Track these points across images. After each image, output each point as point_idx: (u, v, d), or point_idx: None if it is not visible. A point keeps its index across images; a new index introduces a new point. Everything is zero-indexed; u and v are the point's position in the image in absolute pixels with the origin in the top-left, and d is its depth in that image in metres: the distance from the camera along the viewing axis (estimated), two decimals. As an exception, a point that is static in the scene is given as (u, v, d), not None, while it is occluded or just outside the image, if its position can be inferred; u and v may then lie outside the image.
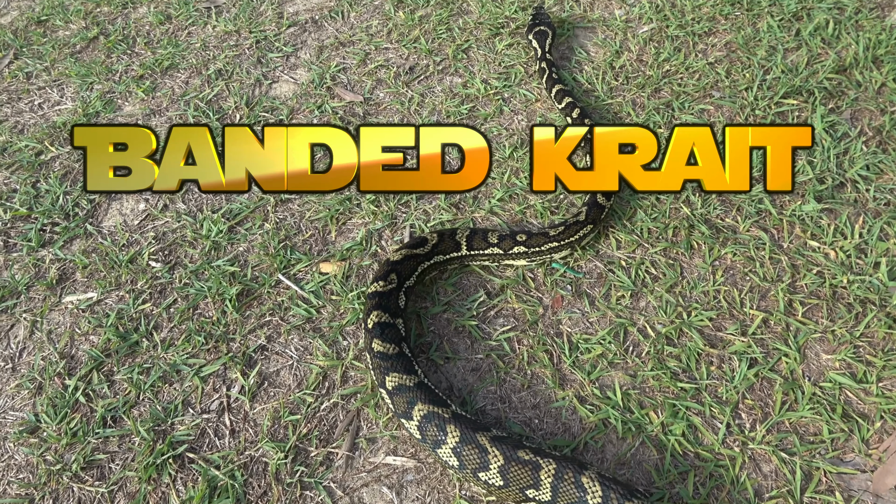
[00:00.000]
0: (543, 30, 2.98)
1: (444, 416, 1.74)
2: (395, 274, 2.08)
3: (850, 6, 3.05)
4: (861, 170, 2.41)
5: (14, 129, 2.98)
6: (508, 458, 1.65)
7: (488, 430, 1.73)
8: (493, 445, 1.67)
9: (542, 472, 1.62)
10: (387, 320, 1.97)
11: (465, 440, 1.69)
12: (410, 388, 1.81)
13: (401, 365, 1.87)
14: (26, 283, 2.36)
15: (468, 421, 1.75)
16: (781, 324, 2.03)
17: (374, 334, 1.94)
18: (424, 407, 1.76)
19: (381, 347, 1.91)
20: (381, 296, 2.03)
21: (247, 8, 3.53)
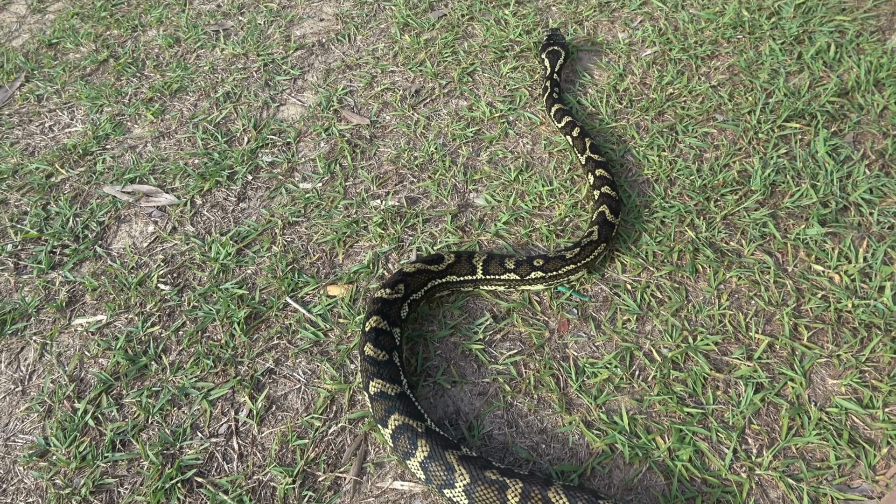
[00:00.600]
0: (557, 50, 3.02)
1: (417, 429, 1.79)
2: (403, 284, 2.12)
3: (851, 30, 3.09)
4: (864, 193, 2.42)
5: (25, 151, 3.02)
6: (475, 478, 1.68)
7: (458, 449, 1.76)
8: (461, 464, 1.71)
9: (508, 492, 1.66)
10: (384, 327, 2.02)
11: (434, 456, 1.73)
12: (391, 398, 1.86)
13: (387, 373, 1.92)
14: (36, 306, 2.38)
15: (440, 437, 1.78)
16: (787, 348, 2.04)
17: (369, 338, 1.99)
18: (401, 418, 1.81)
19: (371, 352, 1.95)
20: (384, 302, 2.07)
21: (254, 31, 3.58)
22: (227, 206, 2.67)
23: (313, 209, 2.61)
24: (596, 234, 2.24)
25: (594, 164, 2.51)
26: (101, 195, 2.77)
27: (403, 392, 1.88)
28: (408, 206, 2.58)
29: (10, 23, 3.93)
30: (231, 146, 2.92)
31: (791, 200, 2.43)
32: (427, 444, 1.75)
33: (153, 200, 2.72)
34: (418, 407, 1.87)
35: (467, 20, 3.46)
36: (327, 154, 2.83)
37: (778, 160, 2.57)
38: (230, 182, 2.76)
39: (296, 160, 2.83)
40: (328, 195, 2.66)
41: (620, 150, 2.69)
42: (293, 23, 3.64)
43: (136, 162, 2.90)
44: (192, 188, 2.73)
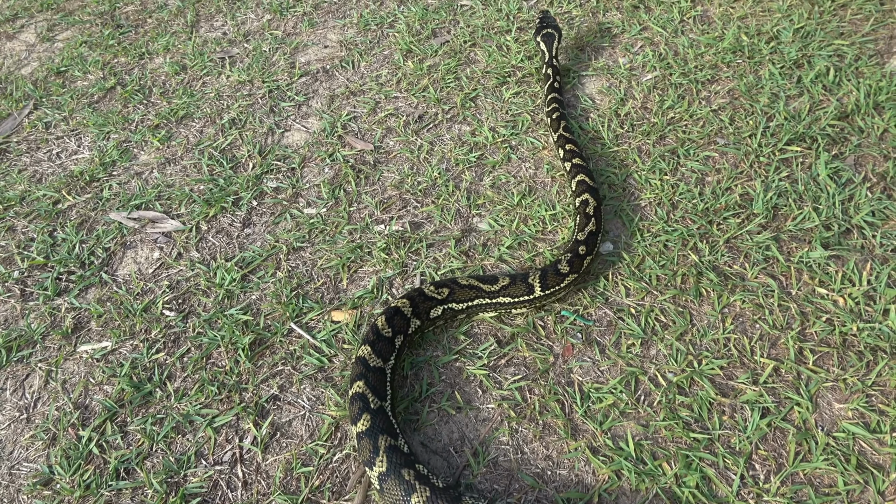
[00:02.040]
0: (551, 32, 3.14)
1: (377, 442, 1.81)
2: (447, 289, 2.18)
3: (849, 54, 3.12)
4: (867, 216, 2.43)
5: (33, 178, 3.05)
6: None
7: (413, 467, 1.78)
8: (417, 480, 1.74)
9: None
10: (387, 334, 2.06)
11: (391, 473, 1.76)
12: (362, 399, 1.91)
13: (374, 378, 1.96)
14: (42, 332, 2.39)
15: (400, 454, 1.80)
16: (792, 372, 2.04)
17: (369, 339, 2.04)
18: (368, 420, 1.86)
19: (365, 353, 2.01)
20: (395, 312, 2.13)
21: (259, 58, 3.63)
22: (233, 231, 2.69)
23: (318, 234, 2.63)
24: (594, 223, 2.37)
25: (565, 140, 2.74)
26: (107, 221, 2.79)
27: (382, 408, 1.93)
28: (411, 231, 2.59)
29: (19, 51, 4.00)
30: (236, 172, 2.95)
31: (793, 223, 2.43)
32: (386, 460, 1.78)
33: (159, 226, 2.74)
34: (392, 420, 1.91)
35: (469, 46, 3.51)
36: (331, 179, 2.86)
37: (780, 183, 2.58)
38: (235, 208, 2.78)
39: (300, 186, 2.85)
40: (332, 220, 2.67)
41: (622, 174, 2.70)
42: (298, 49, 3.69)
43: (142, 188, 2.92)
44: (198, 214, 2.75)
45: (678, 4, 3.60)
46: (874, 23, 3.28)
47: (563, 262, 2.23)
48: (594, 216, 2.38)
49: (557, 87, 3.01)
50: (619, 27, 3.52)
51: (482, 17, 3.71)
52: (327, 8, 4.02)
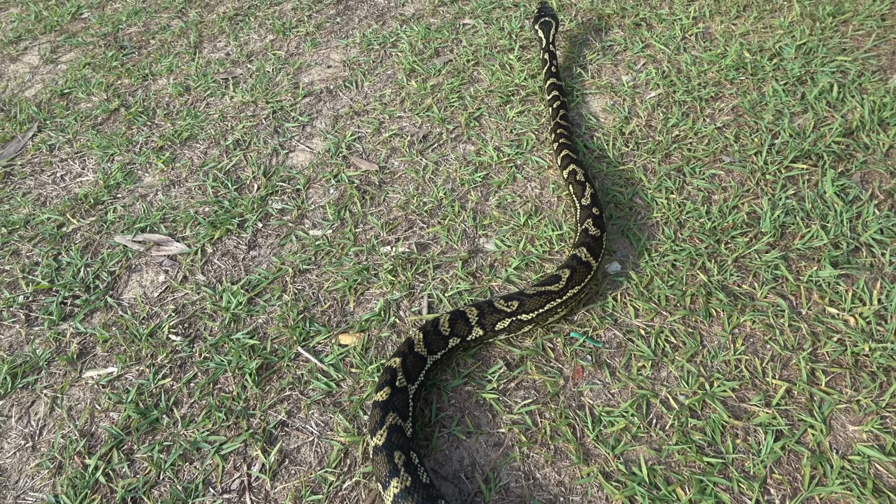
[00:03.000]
0: (548, 20, 3.33)
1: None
2: (518, 302, 2.17)
3: (852, 70, 3.13)
4: (875, 234, 2.42)
5: (37, 201, 3.05)
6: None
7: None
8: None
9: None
10: (421, 351, 2.09)
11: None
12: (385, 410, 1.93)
13: (400, 402, 1.96)
14: (47, 358, 2.37)
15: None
16: (805, 394, 2.02)
17: (402, 350, 2.08)
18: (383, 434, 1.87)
19: (394, 364, 2.05)
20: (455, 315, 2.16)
21: (263, 78, 3.64)
22: (238, 254, 2.68)
23: (324, 256, 2.62)
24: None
25: (559, 126, 2.91)
26: (112, 245, 2.78)
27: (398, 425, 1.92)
28: (418, 252, 2.58)
29: (23, 73, 4.01)
30: (241, 194, 2.95)
31: (802, 242, 2.43)
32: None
33: (164, 249, 2.73)
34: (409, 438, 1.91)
35: (472, 65, 3.52)
36: (337, 200, 2.85)
37: (787, 201, 2.58)
38: (240, 230, 2.77)
39: (306, 207, 2.84)
40: (338, 242, 2.66)
41: (629, 192, 2.70)
42: (301, 70, 3.70)
43: (146, 211, 2.92)
44: (203, 236, 2.75)
45: (680, 21, 3.62)
46: (876, 38, 3.29)
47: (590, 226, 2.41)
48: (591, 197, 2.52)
49: (555, 72, 3.18)
50: (622, 45, 3.53)
51: (485, 36, 3.73)
52: (330, 28, 4.04)
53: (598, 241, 2.34)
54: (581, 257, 2.29)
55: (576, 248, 2.34)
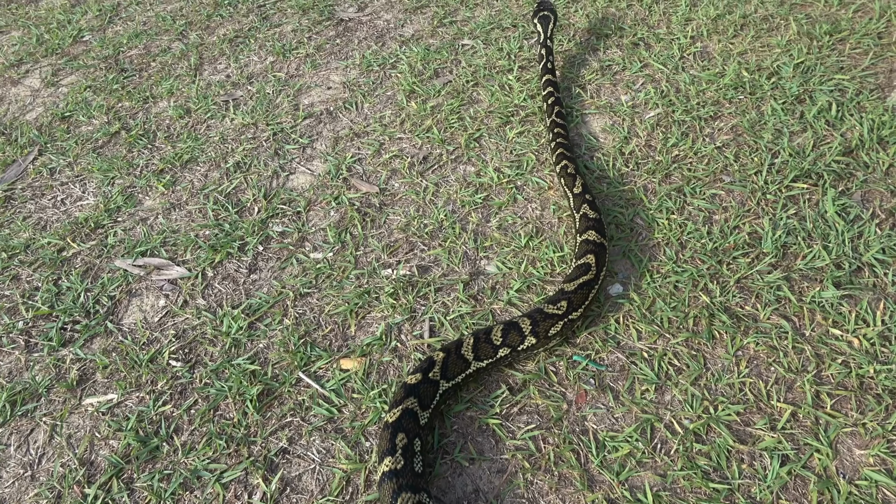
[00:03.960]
0: (547, 14, 3.43)
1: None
2: (566, 302, 2.21)
3: (850, 88, 3.14)
4: (877, 253, 2.41)
5: (37, 225, 3.05)
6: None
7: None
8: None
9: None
10: (467, 355, 2.11)
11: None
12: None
13: (425, 392, 2.02)
14: (47, 385, 2.36)
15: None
16: (811, 417, 2.00)
17: (449, 348, 2.13)
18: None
19: (436, 357, 2.10)
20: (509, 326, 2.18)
21: (263, 100, 3.66)
22: (239, 277, 2.67)
23: (324, 280, 2.61)
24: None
25: (556, 125, 3.01)
26: (112, 269, 2.78)
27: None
28: (419, 274, 2.58)
29: (24, 96, 4.03)
30: (241, 217, 2.94)
31: (804, 262, 2.42)
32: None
33: (164, 273, 2.72)
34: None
35: (472, 86, 3.53)
36: (337, 223, 2.85)
37: (788, 221, 2.58)
38: (241, 253, 2.77)
39: (306, 230, 2.84)
40: (339, 265, 2.66)
41: (630, 213, 2.70)
42: (301, 91, 3.71)
43: (147, 234, 2.91)
44: (204, 260, 2.74)
45: (678, 41, 3.64)
46: (873, 57, 3.31)
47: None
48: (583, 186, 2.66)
49: (551, 68, 3.28)
50: (620, 64, 3.55)
51: (483, 57, 3.75)
52: (329, 49, 4.06)
53: (600, 223, 2.48)
54: (595, 240, 2.40)
55: (585, 233, 2.45)
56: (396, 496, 1.78)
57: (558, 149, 2.86)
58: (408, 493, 1.78)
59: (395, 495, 1.78)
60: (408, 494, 1.78)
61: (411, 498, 1.77)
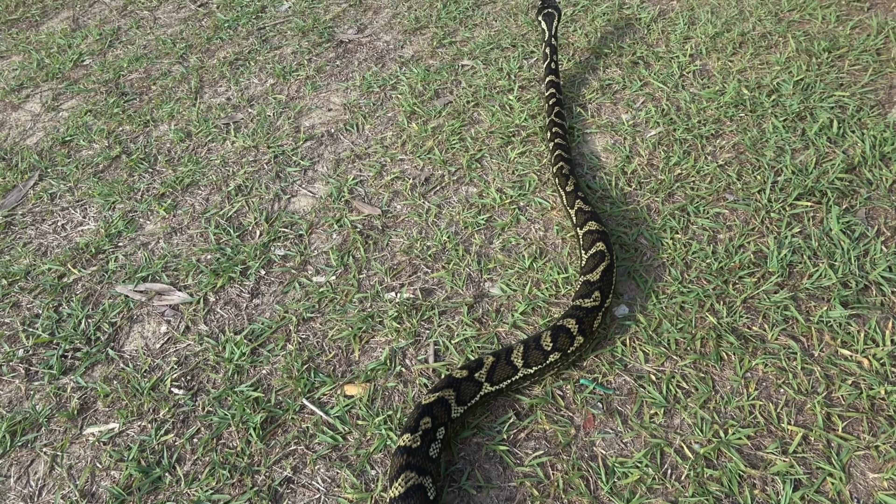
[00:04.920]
0: (551, 12, 3.48)
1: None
2: (598, 292, 2.27)
3: (851, 105, 3.14)
4: (884, 272, 2.40)
5: (38, 251, 3.03)
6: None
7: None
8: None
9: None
10: (516, 362, 2.12)
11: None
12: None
13: (466, 390, 2.06)
14: (47, 415, 2.33)
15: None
16: (822, 440, 1.97)
17: (499, 353, 2.15)
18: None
19: (486, 361, 2.12)
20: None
21: (264, 123, 3.66)
22: (241, 302, 2.65)
23: (327, 304, 2.59)
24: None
25: (554, 125, 3.10)
26: (113, 295, 2.76)
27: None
28: (423, 297, 2.56)
29: (24, 121, 4.03)
30: (243, 240, 2.93)
31: (810, 281, 2.40)
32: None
33: (166, 299, 2.70)
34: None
35: (472, 106, 3.54)
36: (340, 246, 2.83)
37: (793, 240, 2.56)
38: (243, 278, 2.75)
39: (308, 253, 2.83)
40: (342, 288, 2.64)
41: (633, 233, 2.68)
42: (302, 113, 3.72)
43: (148, 259, 2.90)
44: (205, 285, 2.72)
45: (677, 59, 3.65)
46: (872, 73, 3.32)
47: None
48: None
49: (554, 69, 3.36)
50: (620, 83, 3.56)
51: (484, 77, 3.76)
52: (330, 71, 4.07)
53: (595, 214, 2.59)
54: (597, 229, 2.50)
55: (585, 225, 2.55)
56: (401, 472, 1.82)
57: (556, 150, 2.97)
58: (413, 472, 1.83)
59: (401, 471, 1.83)
60: (412, 474, 1.83)
61: (414, 479, 1.82)
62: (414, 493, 1.80)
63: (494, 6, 4.48)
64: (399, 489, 1.80)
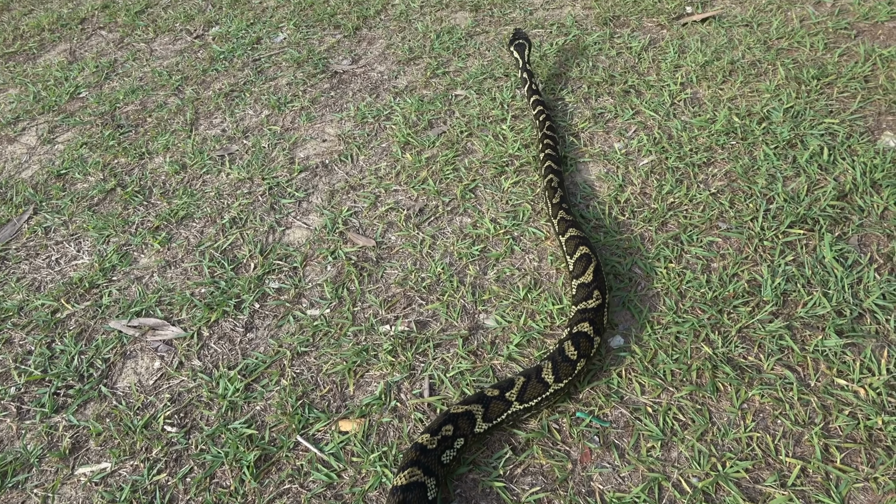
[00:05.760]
0: (522, 42, 3.77)
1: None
2: (597, 292, 2.39)
3: (841, 132, 3.17)
4: (878, 299, 2.40)
5: (31, 286, 3.02)
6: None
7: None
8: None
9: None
10: (547, 378, 2.16)
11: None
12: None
13: (495, 408, 2.10)
14: (38, 454, 2.30)
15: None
16: (821, 472, 1.96)
17: (528, 373, 2.18)
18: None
19: (517, 382, 2.15)
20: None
21: (259, 154, 3.67)
22: (235, 337, 2.64)
23: (322, 337, 2.58)
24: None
25: (546, 137, 3.26)
26: (106, 330, 2.74)
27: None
28: (417, 330, 2.55)
29: (20, 154, 4.04)
30: (238, 273, 2.93)
31: (805, 310, 2.40)
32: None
33: (159, 334, 2.69)
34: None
35: (466, 136, 3.56)
36: (334, 278, 2.83)
37: (786, 268, 2.57)
38: (237, 311, 2.74)
39: (303, 286, 2.82)
40: (337, 322, 2.63)
41: (628, 263, 2.69)
42: (297, 144, 3.74)
43: (142, 293, 2.89)
44: (199, 319, 2.71)
45: (668, 88, 3.68)
46: (861, 100, 3.35)
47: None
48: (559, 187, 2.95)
49: (536, 89, 3.59)
50: (613, 112, 3.59)
51: (477, 107, 3.79)
52: (324, 102, 4.11)
53: (577, 223, 2.73)
54: (578, 234, 2.64)
55: (567, 232, 2.68)
56: (409, 466, 1.90)
57: (546, 161, 3.11)
58: (419, 469, 1.89)
59: (409, 465, 1.90)
60: (418, 471, 1.89)
61: (418, 476, 1.89)
62: (415, 488, 1.86)
63: (487, 36, 4.53)
64: (403, 480, 1.88)
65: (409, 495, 1.85)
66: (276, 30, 5.11)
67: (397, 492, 1.86)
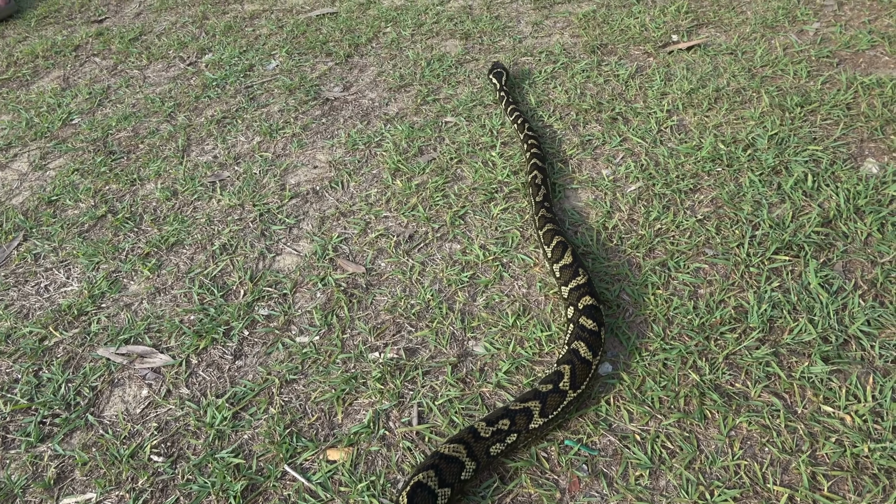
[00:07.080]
0: (500, 71, 4.11)
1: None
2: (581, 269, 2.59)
3: (824, 159, 3.22)
4: (863, 326, 2.42)
5: (19, 314, 3.01)
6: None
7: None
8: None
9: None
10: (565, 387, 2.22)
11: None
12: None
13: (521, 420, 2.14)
14: (22, 485, 2.28)
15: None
16: (808, 501, 1.96)
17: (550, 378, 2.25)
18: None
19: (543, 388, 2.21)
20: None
21: (250, 181, 3.69)
22: (223, 364, 2.63)
23: (311, 364, 2.58)
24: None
25: (529, 138, 3.52)
26: (94, 358, 2.73)
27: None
28: (406, 357, 2.55)
29: (11, 180, 4.05)
30: (227, 300, 2.93)
31: (791, 336, 2.42)
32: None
33: (147, 362, 2.68)
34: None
35: (456, 163, 3.59)
36: (324, 305, 2.84)
37: (772, 294, 2.59)
38: (226, 339, 2.73)
39: (292, 313, 2.82)
40: (325, 349, 2.63)
41: (616, 289, 2.71)
42: (288, 171, 3.76)
43: (131, 321, 2.88)
44: (188, 347, 2.70)
45: (655, 115, 3.74)
46: (844, 127, 3.41)
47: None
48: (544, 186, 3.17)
49: (513, 101, 3.87)
50: (600, 139, 3.64)
51: (467, 134, 3.83)
52: (315, 128, 4.14)
53: (557, 221, 2.95)
54: (555, 228, 2.84)
55: (545, 225, 2.88)
56: (419, 471, 1.98)
57: (532, 159, 3.34)
58: (465, 449, 2.03)
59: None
60: (464, 449, 2.03)
61: (462, 455, 2.02)
62: (452, 462, 1.98)
63: (477, 64, 4.59)
64: (446, 450, 2.02)
65: (448, 465, 1.98)
66: (268, 57, 5.17)
67: (436, 456, 1.98)
